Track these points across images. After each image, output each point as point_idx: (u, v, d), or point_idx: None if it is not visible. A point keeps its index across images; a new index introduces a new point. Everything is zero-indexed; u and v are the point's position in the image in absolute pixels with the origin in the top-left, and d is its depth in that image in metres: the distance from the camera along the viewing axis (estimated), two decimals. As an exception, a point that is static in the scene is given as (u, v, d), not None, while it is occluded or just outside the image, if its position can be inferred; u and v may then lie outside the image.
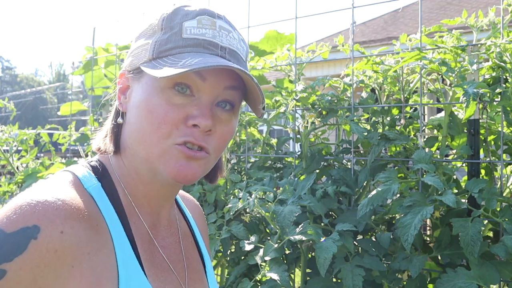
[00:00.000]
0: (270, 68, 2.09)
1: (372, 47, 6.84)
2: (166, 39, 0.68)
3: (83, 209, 0.62)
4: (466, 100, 1.33)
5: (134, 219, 0.71)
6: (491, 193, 1.37)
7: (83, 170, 0.71)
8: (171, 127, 0.66)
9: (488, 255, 1.37)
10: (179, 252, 0.79)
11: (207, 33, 0.68)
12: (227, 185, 2.03)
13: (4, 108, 3.22)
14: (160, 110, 0.66)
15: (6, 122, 3.83)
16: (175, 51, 0.67)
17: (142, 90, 0.69)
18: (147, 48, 0.69)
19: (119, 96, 0.74)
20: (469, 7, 7.78)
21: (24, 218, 0.56)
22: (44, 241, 0.56)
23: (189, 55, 0.66)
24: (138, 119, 0.69)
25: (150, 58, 0.68)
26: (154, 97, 0.67)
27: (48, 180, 0.67)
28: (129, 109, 0.72)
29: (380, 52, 1.83)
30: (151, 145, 0.67)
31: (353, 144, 1.82)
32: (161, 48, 0.68)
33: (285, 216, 1.50)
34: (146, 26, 0.73)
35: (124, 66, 0.75)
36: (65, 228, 0.58)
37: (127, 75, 0.73)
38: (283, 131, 6.95)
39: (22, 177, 2.76)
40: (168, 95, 0.67)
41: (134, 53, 0.73)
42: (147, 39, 0.71)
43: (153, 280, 0.68)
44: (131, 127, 0.70)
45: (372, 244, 1.55)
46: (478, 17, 1.67)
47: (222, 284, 2.10)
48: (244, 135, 2.18)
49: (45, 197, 0.59)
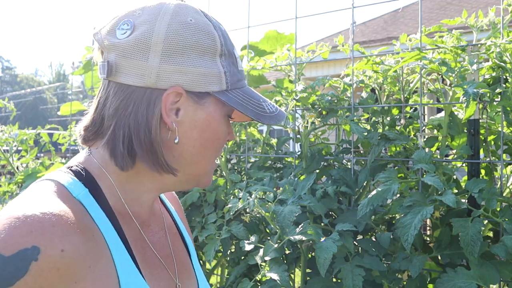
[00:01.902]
0: (270, 68, 2.08)
1: (372, 47, 6.84)
2: (232, 71, 0.73)
3: (79, 221, 0.61)
4: (466, 100, 1.33)
5: (125, 220, 0.71)
6: (491, 193, 1.37)
7: (66, 177, 0.68)
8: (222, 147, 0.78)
9: (488, 255, 1.37)
10: (167, 246, 0.80)
11: (241, 63, 0.77)
12: (227, 185, 2.03)
13: (4, 108, 3.22)
14: (223, 137, 0.75)
15: (6, 122, 3.84)
16: (240, 84, 0.74)
17: (210, 116, 0.72)
18: (216, 74, 0.70)
19: (168, 114, 0.68)
20: (469, 7, 7.78)
21: (22, 239, 0.55)
22: (45, 262, 0.55)
23: (249, 91, 0.76)
24: (199, 142, 0.72)
25: (225, 88, 0.71)
26: (222, 125, 0.74)
27: (33, 192, 0.64)
28: (184, 129, 0.70)
29: (380, 52, 1.83)
30: (207, 165, 0.76)
31: (353, 144, 1.82)
32: (232, 79, 0.72)
33: (285, 216, 1.50)
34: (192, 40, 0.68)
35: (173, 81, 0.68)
36: (64, 246, 0.57)
37: (182, 93, 0.68)
38: (283, 131, 6.95)
39: (22, 177, 2.77)
40: (227, 122, 0.76)
41: (190, 71, 0.68)
42: (204, 59, 0.69)
43: (149, 280, 0.69)
44: (186, 148, 0.71)
45: (372, 244, 1.54)
46: (478, 17, 1.67)
47: (222, 284, 2.10)
48: (244, 135, 2.18)
49: (38, 213, 0.57)
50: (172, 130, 0.69)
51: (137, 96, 0.68)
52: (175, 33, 0.67)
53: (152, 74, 0.67)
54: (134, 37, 0.67)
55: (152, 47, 0.67)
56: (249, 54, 2.33)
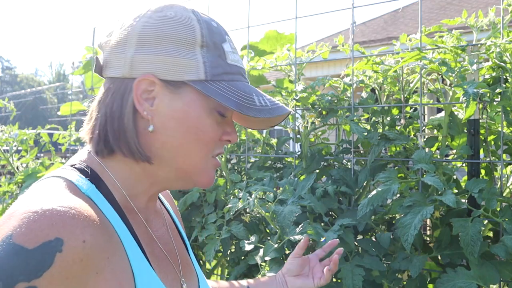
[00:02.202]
0: (270, 68, 2.08)
1: (372, 47, 6.84)
2: (216, 62, 0.72)
3: (94, 214, 0.62)
4: (466, 100, 1.33)
5: (132, 216, 0.73)
6: (491, 193, 1.37)
7: (73, 174, 0.69)
8: (214, 144, 0.75)
9: (488, 255, 1.37)
10: (170, 241, 0.82)
11: (239, 60, 0.76)
12: (227, 185, 2.03)
13: (4, 108, 3.22)
14: (211, 131, 0.73)
15: (6, 122, 3.84)
16: (226, 77, 0.72)
17: (187, 106, 0.71)
18: (194, 65, 0.70)
19: (141, 102, 0.70)
20: (469, 7, 7.78)
21: (43, 231, 0.55)
22: (69, 253, 0.55)
23: (241, 85, 0.73)
24: (180, 133, 0.71)
25: (203, 79, 0.70)
26: (205, 118, 0.72)
27: (45, 188, 0.65)
28: (161, 119, 0.71)
29: (380, 52, 1.83)
30: (196, 159, 0.74)
31: (353, 144, 1.82)
32: (214, 71, 0.71)
33: (285, 216, 1.50)
34: (168, 31, 0.70)
35: (145, 70, 0.70)
36: (86, 237, 0.58)
37: (156, 82, 0.70)
38: (283, 131, 6.95)
39: (22, 177, 2.76)
40: (215, 116, 0.74)
41: (165, 61, 0.69)
42: (184, 52, 0.69)
43: (158, 272, 0.71)
44: (166, 138, 0.71)
45: (372, 244, 1.54)
46: (478, 17, 1.67)
47: (222, 284, 2.10)
48: (244, 135, 2.18)
49: (57, 207, 0.58)
50: (146, 118, 0.71)
51: (115, 87, 0.72)
52: (152, 26, 0.71)
53: (127, 64, 0.71)
54: (118, 34, 0.73)
55: (129, 40, 0.71)
56: (249, 54, 2.33)
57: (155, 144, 0.72)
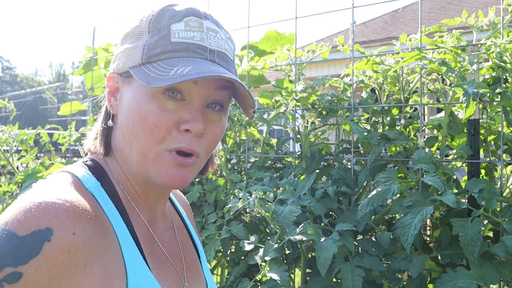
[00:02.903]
0: (270, 68, 2.09)
1: (372, 47, 6.84)
2: (155, 43, 0.68)
3: (90, 209, 0.63)
4: (466, 100, 1.33)
5: (134, 216, 0.73)
6: (491, 193, 1.37)
7: (81, 170, 0.72)
8: (164, 133, 0.68)
9: (488, 255, 1.37)
10: (176, 245, 0.82)
11: (195, 36, 0.69)
12: (227, 185, 2.03)
13: (4, 108, 3.22)
14: (152, 116, 0.67)
15: (6, 122, 3.83)
16: (164, 56, 0.67)
17: (133, 94, 0.70)
18: (135, 52, 0.70)
19: (109, 98, 0.75)
20: (469, 7, 7.78)
21: (36, 221, 0.57)
22: (57, 243, 0.57)
23: (179, 61, 0.67)
24: (130, 123, 0.69)
25: (139, 62, 0.69)
26: (146, 103, 0.68)
27: (49, 181, 0.67)
28: (120, 112, 0.72)
29: (380, 52, 1.83)
30: (145, 150, 0.69)
31: (353, 144, 1.82)
32: (150, 53, 0.68)
33: (285, 216, 1.50)
34: (131, 28, 0.73)
35: (112, 68, 0.76)
36: (76, 229, 0.59)
37: (116, 78, 0.74)
38: (283, 131, 6.95)
39: (22, 177, 2.76)
40: (160, 100, 0.68)
41: (121, 55, 0.73)
42: (134, 42, 0.71)
43: (156, 273, 0.71)
44: (123, 130, 0.71)
45: (372, 244, 1.55)
46: (478, 17, 1.67)
47: (222, 284, 2.10)
48: (244, 135, 2.18)
49: (53, 199, 0.60)
50: (114, 113, 0.74)
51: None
52: (126, 26, 0.75)
53: (114, 65, 0.76)
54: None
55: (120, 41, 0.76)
56: (249, 54, 2.33)
57: (119, 137, 0.73)
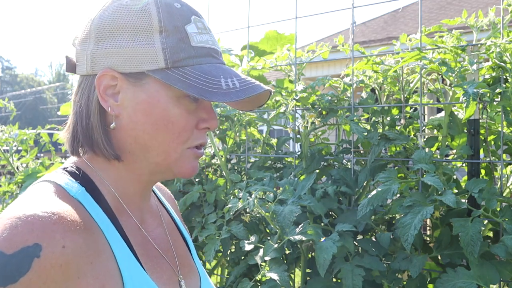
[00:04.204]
0: (270, 68, 2.09)
1: (372, 47, 6.84)
2: (177, 47, 0.67)
3: (78, 218, 0.62)
4: (466, 100, 1.33)
5: (124, 218, 0.72)
6: (491, 193, 1.37)
7: (63, 177, 0.69)
8: (189, 134, 0.71)
9: (488, 255, 1.37)
10: (167, 241, 0.81)
11: (208, 40, 0.71)
12: (227, 185, 2.03)
13: (4, 108, 3.21)
14: (181, 120, 0.69)
15: (6, 122, 3.83)
16: (191, 61, 0.68)
17: (150, 97, 0.68)
18: (151, 52, 0.66)
19: (104, 98, 0.69)
20: (469, 7, 7.77)
21: (23, 237, 0.55)
22: (48, 258, 0.55)
23: (210, 67, 0.69)
24: (150, 127, 0.68)
25: (163, 66, 0.66)
26: (174, 108, 0.69)
27: (32, 194, 0.65)
28: (128, 114, 0.69)
29: (380, 52, 1.83)
30: (169, 151, 0.70)
31: (353, 144, 1.82)
32: (175, 57, 0.67)
33: (285, 216, 1.50)
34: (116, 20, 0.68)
35: (104, 65, 0.68)
36: (66, 242, 0.57)
37: (115, 76, 0.68)
38: (283, 131, 6.95)
39: (22, 177, 2.76)
40: (185, 104, 0.70)
41: (117, 53, 0.67)
42: (141, 41, 0.66)
43: (151, 273, 0.70)
44: (135, 133, 0.69)
45: (372, 244, 1.55)
46: (478, 17, 1.67)
47: (222, 284, 2.10)
48: (244, 135, 2.18)
49: (39, 212, 0.58)
50: (112, 114, 0.69)
51: (83, 85, 0.71)
52: (107, 17, 0.68)
53: (88, 61, 0.69)
54: (83, 29, 0.72)
55: (89, 35, 0.70)
56: (249, 54, 2.33)
57: (128, 140, 0.70)
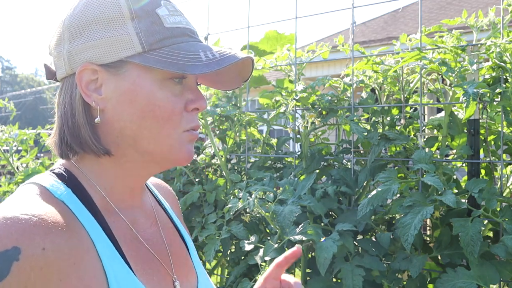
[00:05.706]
0: (270, 68, 2.09)
1: (372, 47, 6.84)
2: (150, 30, 0.67)
3: (60, 220, 0.61)
4: (466, 100, 1.33)
5: (112, 218, 0.71)
6: (491, 193, 1.37)
7: (49, 179, 0.68)
8: (179, 117, 0.69)
9: (488, 255, 1.37)
10: (162, 241, 0.79)
11: (182, 21, 0.71)
12: (227, 185, 2.03)
13: (4, 108, 3.21)
14: (168, 104, 0.68)
15: (6, 122, 3.83)
16: (168, 42, 0.67)
17: (133, 84, 0.67)
18: (126, 39, 0.66)
19: (87, 93, 0.68)
20: (469, 7, 7.78)
21: (2, 241, 0.54)
22: (27, 261, 0.54)
23: (187, 45, 0.68)
24: (136, 116, 0.67)
25: (140, 50, 0.66)
26: (158, 91, 0.68)
27: (14, 197, 0.64)
28: (112, 106, 0.68)
29: (380, 52, 1.83)
30: (160, 138, 0.69)
31: (353, 144, 1.82)
32: (150, 40, 0.66)
33: (285, 216, 1.50)
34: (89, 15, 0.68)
35: (82, 60, 0.68)
36: (46, 244, 0.56)
37: (94, 69, 0.67)
38: (283, 131, 6.95)
39: (22, 177, 2.76)
40: (169, 86, 0.69)
41: (96, 44, 0.67)
42: (113, 30, 0.66)
43: (141, 275, 0.68)
44: (122, 125, 0.68)
45: (372, 244, 1.55)
46: (478, 17, 1.67)
47: (222, 284, 2.10)
48: (244, 135, 2.18)
49: (18, 215, 0.57)
50: (97, 109, 0.68)
51: (64, 87, 0.71)
52: (78, 14, 0.69)
53: (66, 61, 0.69)
54: (56, 32, 0.71)
55: (62, 36, 0.70)
56: (249, 54, 2.33)
57: (114, 133, 0.69)
